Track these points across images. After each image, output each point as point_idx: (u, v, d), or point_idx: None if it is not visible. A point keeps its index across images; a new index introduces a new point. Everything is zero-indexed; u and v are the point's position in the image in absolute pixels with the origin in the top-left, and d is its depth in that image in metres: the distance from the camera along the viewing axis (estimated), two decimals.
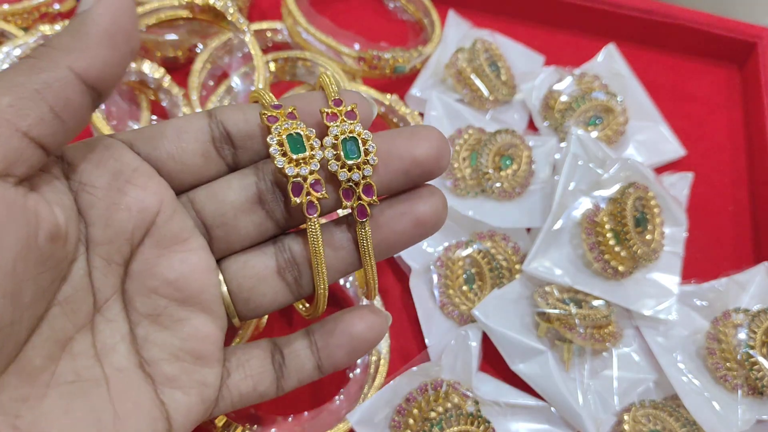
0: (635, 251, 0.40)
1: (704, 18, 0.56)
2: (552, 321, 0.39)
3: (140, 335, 0.23)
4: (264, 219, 0.25)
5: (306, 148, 0.23)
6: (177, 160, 0.24)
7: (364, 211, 0.24)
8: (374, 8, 0.57)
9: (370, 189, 0.24)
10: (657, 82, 0.55)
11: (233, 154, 0.25)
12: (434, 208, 0.25)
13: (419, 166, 0.24)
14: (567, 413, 0.38)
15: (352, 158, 0.23)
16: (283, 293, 0.25)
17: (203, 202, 0.24)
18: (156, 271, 0.23)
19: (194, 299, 0.24)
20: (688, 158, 0.51)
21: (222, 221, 0.24)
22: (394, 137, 0.24)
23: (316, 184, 0.23)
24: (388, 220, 0.25)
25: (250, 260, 0.25)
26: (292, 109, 0.24)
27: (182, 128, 0.24)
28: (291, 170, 0.23)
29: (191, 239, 0.24)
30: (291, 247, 0.25)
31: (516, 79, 0.52)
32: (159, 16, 0.43)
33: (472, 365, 0.38)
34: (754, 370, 0.38)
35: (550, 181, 0.46)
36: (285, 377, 0.27)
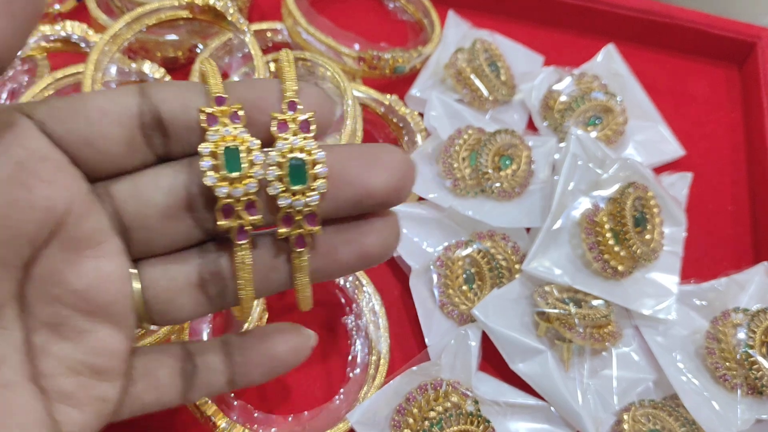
0: (634, 251, 0.40)
1: (704, 18, 0.56)
2: (551, 320, 0.39)
3: (37, 345, 0.21)
4: (192, 228, 0.22)
5: (242, 166, 0.20)
6: (95, 148, 0.20)
7: (302, 241, 0.21)
8: (374, 8, 0.57)
9: (313, 218, 0.21)
10: (656, 82, 0.55)
11: (165, 145, 0.21)
12: (384, 242, 0.22)
13: (373, 197, 0.21)
14: (566, 413, 0.38)
15: (298, 183, 0.20)
16: (203, 306, 0.23)
17: (125, 199, 0.21)
18: (62, 278, 0.20)
19: (103, 311, 0.21)
20: (688, 158, 0.51)
21: (144, 224, 0.21)
22: (349, 159, 0.21)
23: (251, 206, 0.20)
24: (331, 247, 0.22)
25: (170, 270, 0.22)
26: (237, 108, 0.21)
27: (105, 109, 0.20)
28: (222, 190, 0.20)
29: (105, 243, 0.21)
30: (218, 261, 0.22)
31: (515, 79, 0.52)
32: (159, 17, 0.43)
33: (472, 365, 0.38)
34: (754, 369, 0.38)
35: (549, 181, 0.46)
36: (193, 389, 0.25)
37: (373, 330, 0.39)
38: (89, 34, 0.45)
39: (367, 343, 0.39)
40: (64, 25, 0.45)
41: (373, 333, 0.39)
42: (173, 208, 0.21)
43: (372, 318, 0.39)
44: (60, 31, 0.45)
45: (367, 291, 0.40)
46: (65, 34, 0.45)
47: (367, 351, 0.39)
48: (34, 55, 0.45)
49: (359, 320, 0.40)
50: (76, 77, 0.45)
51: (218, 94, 0.21)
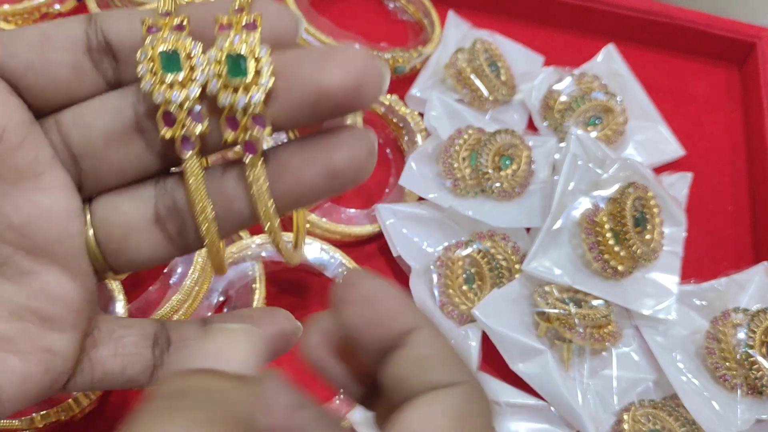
0: (634, 251, 0.40)
1: (704, 18, 0.56)
2: (552, 321, 0.39)
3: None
4: (142, 151, 0.20)
5: (182, 68, 0.18)
6: (39, 73, 0.19)
7: (251, 146, 0.19)
8: (374, 9, 0.57)
9: (260, 118, 0.19)
10: (656, 82, 0.55)
11: (115, 70, 0.20)
12: (354, 156, 0.19)
13: (329, 98, 0.18)
14: (566, 413, 0.38)
15: (237, 76, 0.18)
16: (163, 247, 0.21)
17: (70, 126, 0.20)
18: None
19: (47, 249, 0.20)
20: (688, 158, 0.51)
21: (90, 151, 0.20)
22: (301, 57, 0.19)
23: (196, 114, 0.19)
24: (295, 167, 0.19)
25: (122, 205, 0.21)
26: (182, 19, 0.19)
27: (49, 32, 0.19)
28: (160, 95, 0.18)
29: (46, 174, 0.19)
30: (174, 192, 0.20)
31: (516, 80, 0.52)
32: None
33: (472, 365, 0.38)
34: (754, 369, 0.38)
35: (549, 181, 0.46)
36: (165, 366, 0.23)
37: None
38: None
39: None
40: None
41: None
42: (120, 131, 0.20)
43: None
44: None
45: None
46: None
47: None
48: None
49: None
50: None
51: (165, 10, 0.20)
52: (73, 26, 0.20)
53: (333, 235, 0.43)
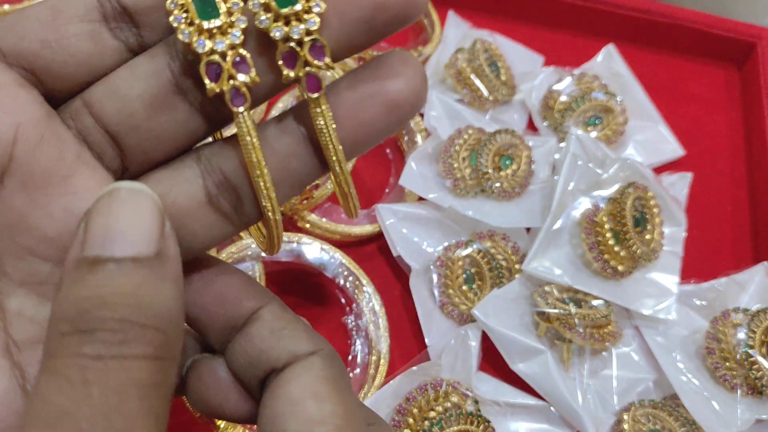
0: (634, 251, 0.40)
1: (704, 18, 0.56)
2: (551, 320, 0.39)
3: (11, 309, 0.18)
4: (188, 114, 0.18)
5: (220, 12, 0.17)
6: (56, 50, 0.17)
7: (315, 81, 0.17)
8: None
9: (319, 49, 0.17)
10: (656, 82, 0.55)
11: (136, 35, 0.18)
12: (412, 84, 0.18)
13: (386, 9, 0.17)
14: (566, 413, 0.38)
15: (287, 5, 0.16)
16: (220, 227, 0.19)
17: (102, 102, 0.18)
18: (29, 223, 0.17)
19: None
20: (688, 158, 0.51)
21: (132, 124, 0.18)
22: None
23: (241, 62, 0.17)
24: (351, 107, 0.18)
25: (170, 192, 0.18)
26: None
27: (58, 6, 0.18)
28: (202, 44, 0.16)
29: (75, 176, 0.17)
30: (221, 165, 0.18)
31: (516, 80, 0.52)
32: None
33: (472, 365, 0.38)
34: (754, 369, 0.38)
35: (549, 181, 0.46)
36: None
37: (373, 330, 0.39)
38: None
39: (367, 343, 0.39)
40: None
41: (373, 333, 0.39)
42: (159, 95, 0.18)
43: (372, 318, 0.39)
44: None
45: (367, 291, 0.40)
46: None
47: (367, 351, 0.39)
48: None
49: (359, 320, 0.40)
50: None
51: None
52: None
53: (333, 235, 0.43)
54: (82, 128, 0.18)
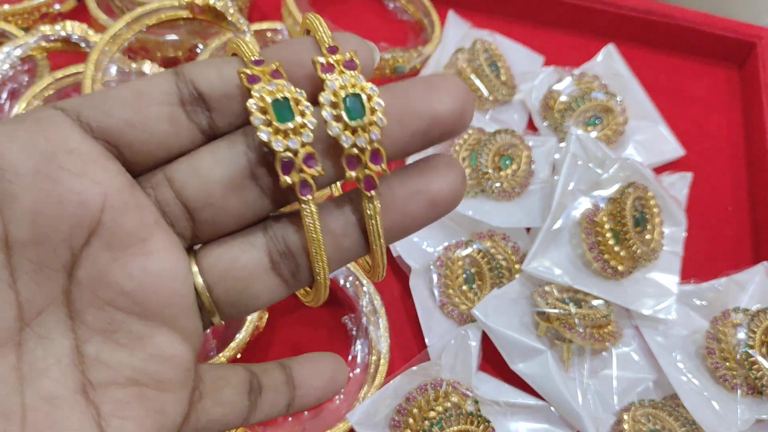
0: (634, 251, 0.40)
1: (704, 18, 0.56)
2: (552, 320, 0.39)
3: (89, 354, 0.20)
4: (258, 196, 0.21)
5: (295, 115, 0.19)
6: (138, 128, 0.20)
7: (372, 182, 0.20)
8: (374, 8, 0.57)
9: (378, 156, 0.20)
10: (656, 82, 0.55)
11: (208, 118, 0.21)
12: (453, 185, 0.21)
13: (440, 124, 0.20)
14: (566, 413, 0.38)
15: (357, 118, 0.19)
16: (278, 290, 0.22)
17: (184, 180, 0.20)
18: (110, 279, 0.19)
19: (159, 312, 0.20)
20: (688, 158, 0.51)
21: (208, 202, 0.20)
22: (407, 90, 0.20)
23: (310, 158, 0.19)
24: (398, 201, 0.21)
25: (240, 258, 0.21)
26: (277, 66, 0.20)
27: (142, 89, 0.20)
28: (278, 143, 0.19)
29: (152, 239, 0.20)
30: (285, 236, 0.21)
31: (515, 80, 0.52)
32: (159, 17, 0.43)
33: (472, 365, 0.38)
34: (754, 369, 0.38)
35: (549, 181, 0.46)
36: (256, 411, 0.24)
37: (373, 330, 0.39)
38: (89, 34, 0.45)
39: (367, 343, 0.39)
40: (64, 25, 0.45)
41: (373, 333, 0.39)
42: (236, 179, 0.20)
43: (372, 318, 0.39)
44: (60, 31, 0.45)
45: (367, 291, 0.40)
46: (65, 34, 0.45)
47: (367, 351, 0.39)
48: (34, 55, 0.45)
49: (359, 320, 0.40)
50: (76, 77, 0.45)
51: (255, 58, 0.20)
52: (164, 80, 0.20)
53: None
54: (162, 198, 0.20)
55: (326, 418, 0.37)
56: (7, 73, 0.44)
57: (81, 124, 0.19)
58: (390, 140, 0.20)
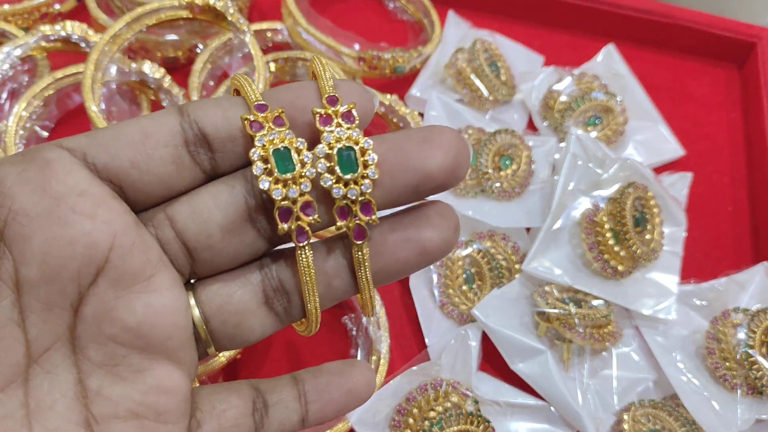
0: (634, 251, 0.40)
1: (704, 18, 0.56)
2: (552, 320, 0.39)
3: (92, 388, 0.20)
4: (255, 239, 0.21)
5: (295, 165, 0.20)
6: (143, 170, 0.20)
7: (362, 232, 0.20)
8: (374, 9, 0.57)
9: (368, 207, 0.20)
10: (656, 82, 0.55)
11: (211, 159, 0.21)
12: (443, 235, 0.21)
13: (432, 180, 0.20)
14: (566, 413, 0.38)
15: (349, 172, 0.20)
16: (271, 324, 0.22)
17: (185, 222, 0.21)
18: (114, 315, 0.20)
19: (159, 346, 0.20)
20: (688, 158, 0.51)
21: (208, 244, 0.21)
22: (402, 144, 0.20)
23: (307, 207, 0.20)
24: (389, 248, 0.21)
25: (236, 293, 0.22)
26: (279, 113, 0.20)
27: (147, 130, 0.20)
28: (278, 193, 0.20)
29: (156, 276, 0.20)
30: (279, 274, 0.22)
31: (516, 80, 0.52)
32: (159, 17, 0.43)
33: (472, 365, 0.38)
34: (754, 369, 0.38)
35: (549, 181, 0.46)
36: (264, 428, 0.24)
37: (373, 330, 0.39)
38: (89, 34, 0.45)
39: (367, 343, 0.39)
40: (64, 25, 0.45)
41: (373, 333, 0.39)
42: (234, 222, 0.21)
43: (372, 318, 0.39)
44: (60, 31, 0.45)
45: None
46: (65, 34, 0.45)
47: (367, 351, 0.39)
48: (34, 55, 0.45)
49: (359, 320, 0.40)
50: (76, 77, 0.45)
51: (258, 102, 0.21)
52: (169, 120, 0.20)
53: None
54: (162, 237, 0.21)
55: None
56: (7, 73, 0.44)
57: (87, 164, 0.20)
58: (382, 192, 0.20)
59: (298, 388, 0.24)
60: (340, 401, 0.24)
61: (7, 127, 0.42)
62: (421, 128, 0.21)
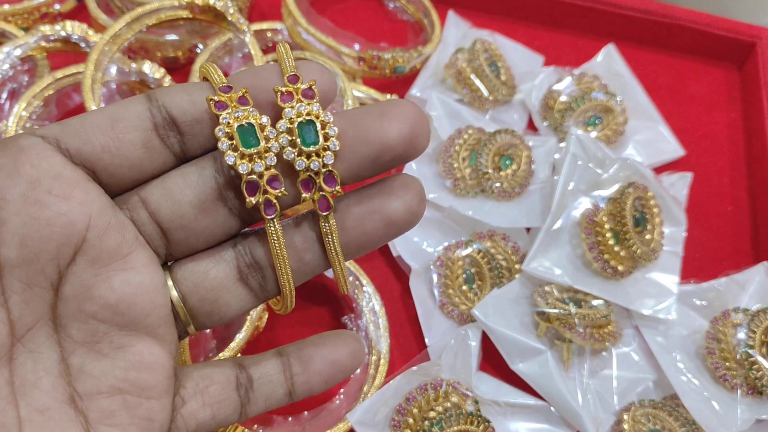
0: (634, 251, 0.40)
1: (704, 18, 0.56)
2: (552, 320, 0.39)
3: (75, 365, 0.21)
4: (227, 217, 0.22)
5: (260, 140, 0.20)
6: (114, 153, 0.21)
7: (326, 203, 0.21)
8: (374, 8, 0.57)
9: (332, 178, 0.21)
10: (656, 82, 0.55)
11: (180, 142, 0.22)
12: (408, 206, 0.22)
13: (390, 150, 0.21)
14: (566, 413, 0.38)
15: (310, 144, 0.21)
16: (247, 299, 0.23)
17: (158, 202, 0.22)
18: (94, 293, 0.20)
19: (138, 323, 0.21)
20: (688, 158, 0.51)
21: (181, 223, 0.22)
22: (361, 117, 0.21)
23: (274, 180, 0.21)
24: (356, 220, 0.22)
25: (211, 270, 0.22)
26: (243, 92, 0.21)
27: (117, 116, 0.21)
28: (244, 167, 0.20)
29: (132, 254, 0.21)
30: (252, 251, 0.23)
31: (516, 80, 0.52)
32: (159, 17, 0.43)
33: (472, 365, 0.38)
34: (754, 369, 0.38)
35: (549, 181, 0.46)
36: (251, 403, 0.24)
37: (373, 330, 0.39)
38: (89, 34, 0.45)
39: (367, 343, 0.39)
40: (64, 25, 0.45)
41: (373, 333, 0.39)
42: (206, 201, 0.22)
43: (372, 318, 0.39)
44: (60, 31, 0.45)
45: (367, 291, 0.40)
46: (65, 34, 0.45)
47: (367, 351, 0.39)
48: (34, 55, 0.45)
49: (359, 320, 0.40)
50: (76, 77, 0.45)
51: (223, 84, 0.21)
52: (138, 106, 0.21)
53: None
54: (137, 219, 0.22)
55: (326, 418, 0.37)
56: (7, 73, 0.44)
57: (61, 150, 0.20)
58: (343, 165, 0.21)
59: (282, 362, 0.25)
60: (325, 373, 0.25)
61: (7, 127, 0.42)
62: (379, 103, 0.22)
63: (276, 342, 0.40)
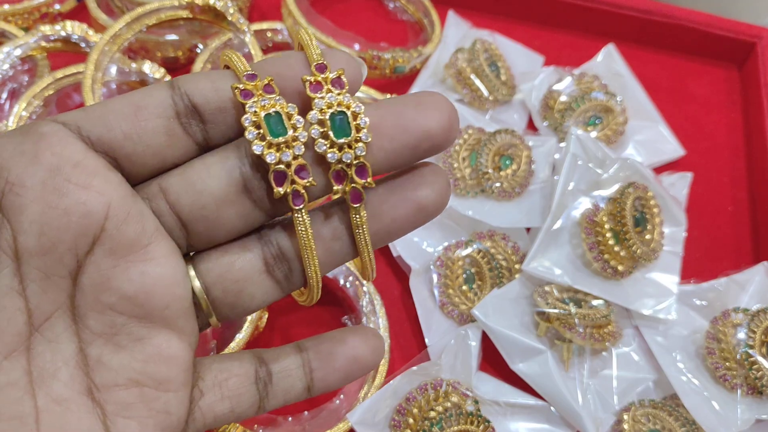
0: (635, 251, 0.40)
1: (704, 18, 0.56)
2: (552, 320, 0.39)
3: (92, 356, 0.21)
4: (251, 209, 0.21)
5: (287, 129, 0.20)
6: (136, 141, 0.20)
7: (358, 195, 0.21)
8: (374, 8, 0.57)
9: (363, 170, 0.21)
10: (656, 82, 0.55)
11: (203, 130, 0.21)
12: (438, 192, 0.22)
13: (430, 139, 0.21)
14: (567, 413, 0.38)
15: (343, 136, 0.20)
16: (272, 291, 0.23)
17: (178, 193, 0.21)
18: (112, 284, 0.20)
19: (158, 315, 0.21)
20: (688, 158, 0.51)
21: (202, 215, 0.21)
22: (397, 107, 0.21)
23: (302, 170, 0.20)
24: (387, 207, 0.22)
25: (236, 261, 0.22)
26: (269, 80, 0.21)
27: (139, 103, 0.21)
28: (272, 157, 0.20)
29: (152, 245, 0.21)
30: (278, 241, 0.22)
31: (516, 80, 0.52)
32: (159, 17, 0.43)
33: (472, 365, 0.38)
34: (754, 369, 0.38)
35: (549, 181, 0.46)
36: (269, 397, 0.24)
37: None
38: (89, 34, 0.45)
39: None
40: (64, 25, 0.45)
41: None
42: (229, 192, 0.21)
43: (372, 318, 0.39)
44: (60, 31, 0.45)
45: (367, 291, 0.40)
46: (65, 34, 0.45)
47: None
48: (34, 55, 0.45)
49: (359, 320, 0.40)
50: (76, 77, 0.45)
51: (248, 72, 0.21)
52: (160, 93, 0.21)
53: None
54: (156, 209, 0.21)
55: (326, 418, 0.37)
56: (7, 73, 0.44)
57: (82, 137, 0.20)
58: (382, 154, 0.21)
59: (302, 357, 0.24)
60: (344, 369, 0.24)
61: (7, 127, 0.42)
62: (412, 94, 0.21)
63: (276, 342, 0.40)
